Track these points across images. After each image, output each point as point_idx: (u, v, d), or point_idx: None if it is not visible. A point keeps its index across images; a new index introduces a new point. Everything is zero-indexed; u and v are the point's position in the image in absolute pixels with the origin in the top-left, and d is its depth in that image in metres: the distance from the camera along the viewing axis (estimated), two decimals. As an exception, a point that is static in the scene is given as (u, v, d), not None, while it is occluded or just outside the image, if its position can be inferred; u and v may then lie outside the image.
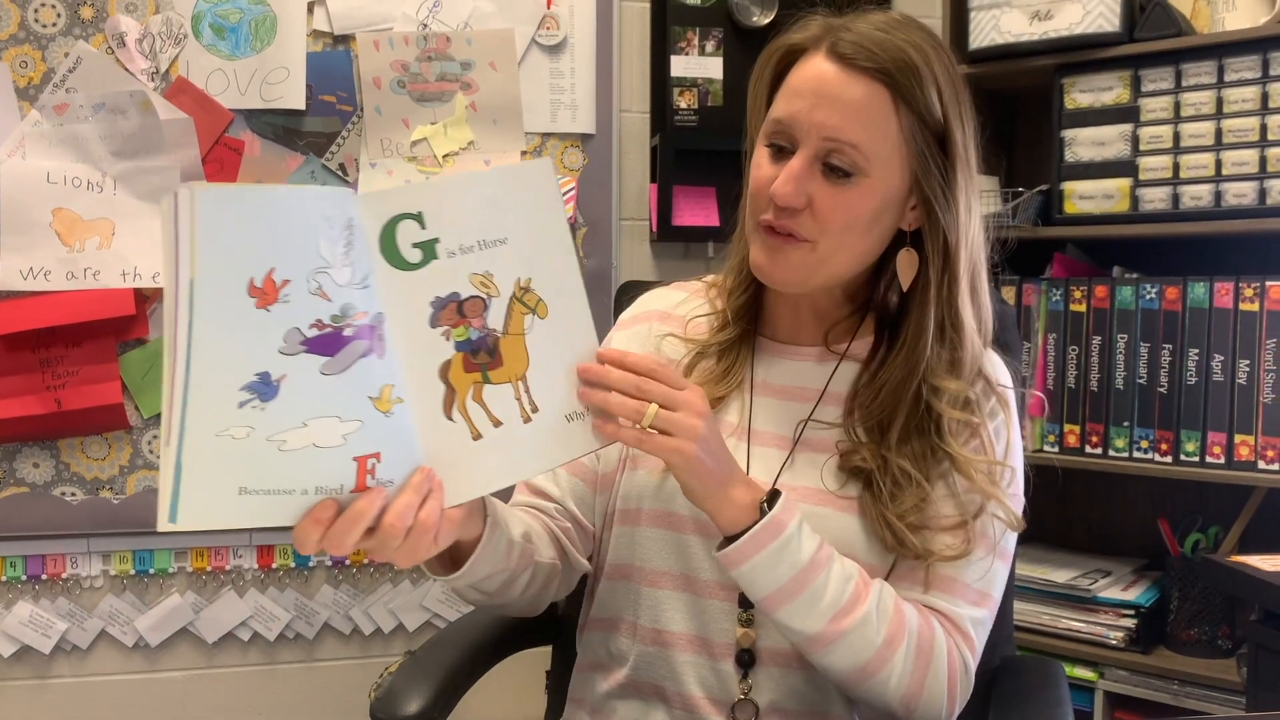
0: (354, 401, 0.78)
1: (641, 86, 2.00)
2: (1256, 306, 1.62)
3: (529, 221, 0.88)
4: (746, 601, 0.99)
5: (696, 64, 1.98)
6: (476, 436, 0.85)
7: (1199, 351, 1.67)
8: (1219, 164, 1.65)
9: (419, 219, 0.83)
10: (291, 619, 1.90)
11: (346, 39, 1.81)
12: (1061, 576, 1.80)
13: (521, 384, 0.88)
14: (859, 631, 0.92)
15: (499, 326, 0.86)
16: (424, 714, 1.07)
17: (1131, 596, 1.74)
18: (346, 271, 0.79)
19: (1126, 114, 1.73)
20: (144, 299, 1.75)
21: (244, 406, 0.73)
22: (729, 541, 0.91)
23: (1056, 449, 1.80)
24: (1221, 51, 1.65)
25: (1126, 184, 1.74)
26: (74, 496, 1.77)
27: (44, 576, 1.79)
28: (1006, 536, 1.01)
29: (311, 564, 1.89)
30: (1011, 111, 2.08)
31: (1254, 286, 1.62)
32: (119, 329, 1.73)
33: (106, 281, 1.71)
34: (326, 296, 0.77)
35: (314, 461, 0.76)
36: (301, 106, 1.79)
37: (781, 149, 0.97)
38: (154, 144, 1.72)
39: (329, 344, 0.77)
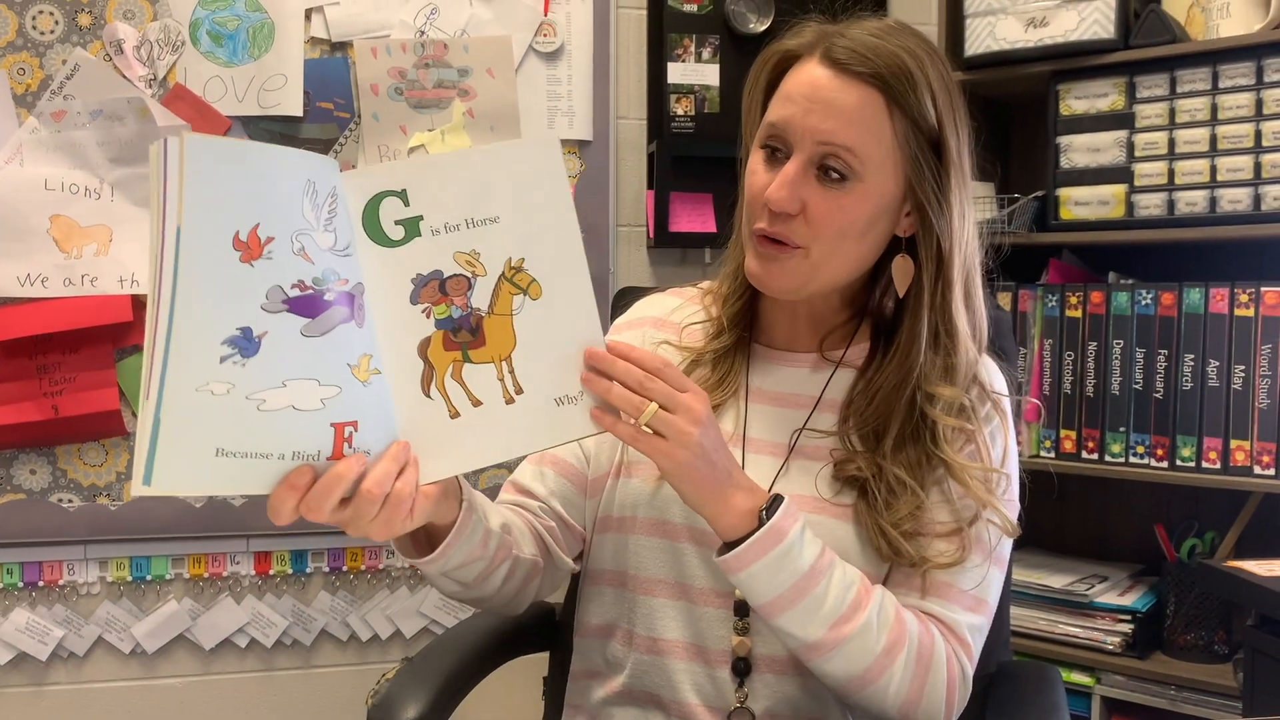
0: (333, 367, 0.78)
1: (638, 93, 2.01)
2: (1251, 312, 1.62)
3: (526, 200, 0.87)
4: (742, 609, 1.00)
5: (693, 71, 1.98)
6: (454, 415, 0.85)
7: (1194, 357, 1.67)
8: (1214, 170, 1.66)
9: (403, 196, 0.84)
10: (289, 625, 1.90)
11: (344, 46, 1.81)
12: (1058, 582, 1.80)
13: (505, 364, 0.87)
14: (859, 639, 0.92)
15: (484, 306, 0.86)
16: (421, 720, 1.07)
17: (1128, 602, 1.74)
18: (329, 237, 0.80)
19: (1122, 120, 1.74)
20: (141, 305, 1.75)
21: (225, 362, 0.73)
22: (729, 548, 0.91)
23: (1053, 454, 1.80)
24: (1216, 58, 1.65)
25: (1122, 190, 1.74)
26: (71, 503, 1.77)
27: (41, 583, 1.79)
28: (1002, 543, 1.01)
29: (309, 570, 1.89)
30: (1007, 118, 2.09)
31: (1249, 292, 1.63)
32: (116, 335, 1.73)
33: (104, 288, 1.71)
34: (309, 259, 0.78)
35: (292, 425, 0.76)
36: (299, 113, 1.79)
37: (776, 152, 0.97)
38: (152, 151, 1.72)
39: (310, 306, 0.77)
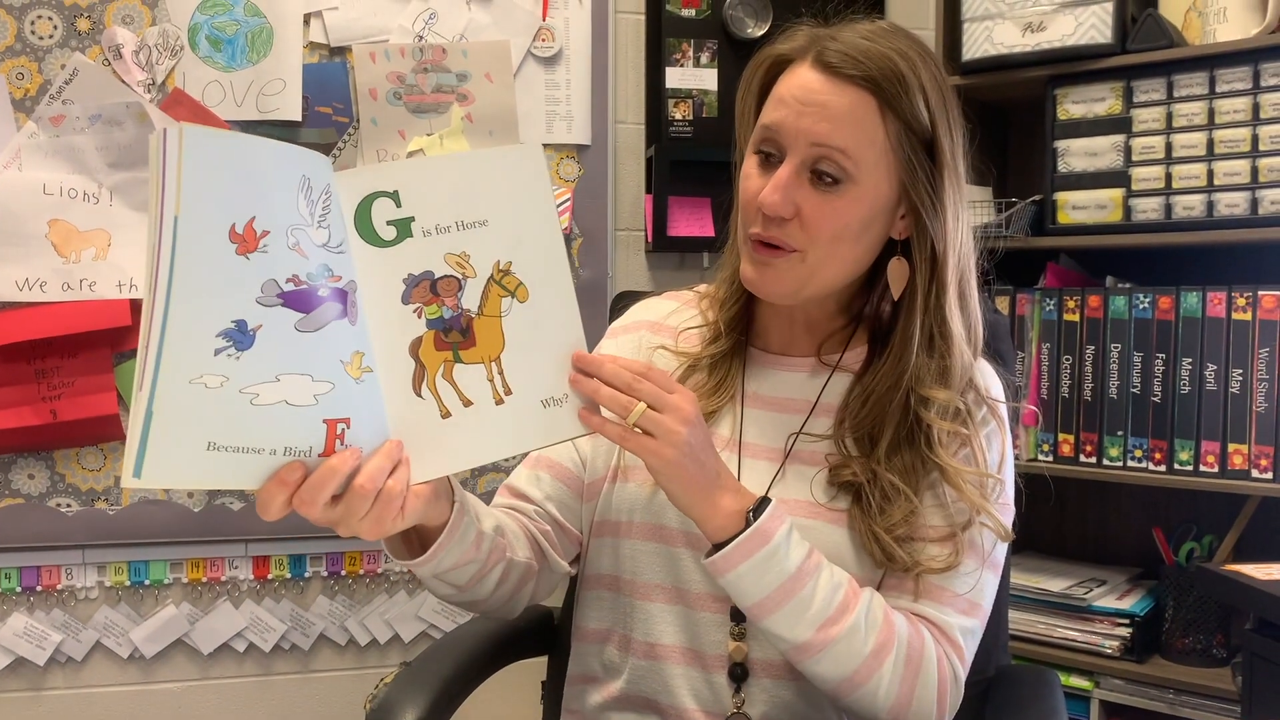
0: (326, 363, 0.78)
1: (636, 98, 2.01)
2: (1249, 316, 1.63)
3: (513, 205, 0.88)
4: (739, 614, 0.99)
5: (691, 75, 1.99)
6: (445, 415, 0.85)
7: (1192, 361, 1.67)
8: (1211, 174, 1.66)
9: (394, 197, 0.84)
10: (287, 630, 1.90)
11: (343, 51, 1.82)
12: (1056, 586, 1.80)
13: (495, 365, 0.87)
14: (847, 641, 0.92)
15: (474, 307, 0.86)
16: (419, 725, 1.07)
17: (1126, 605, 1.74)
18: (323, 233, 0.80)
19: (1119, 125, 1.74)
20: (140, 310, 1.74)
21: (219, 354, 0.73)
22: (717, 549, 0.91)
23: (1051, 458, 1.80)
24: (1213, 63, 1.66)
25: (1119, 194, 1.74)
26: (69, 508, 1.77)
27: (39, 588, 1.79)
28: (997, 547, 1.01)
29: (307, 575, 1.89)
30: (1004, 122, 2.09)
31: (1246, 296, 1.63)
32: (115, 340, 1.73)
33: (102, 292, 1.71)
34: (303, 254, 0.78)
35: (285, 420, 0.75)
36: (298, 118, 1.80)
37: (769, 157, 0.97)
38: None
39: (304, 300, 0.77)
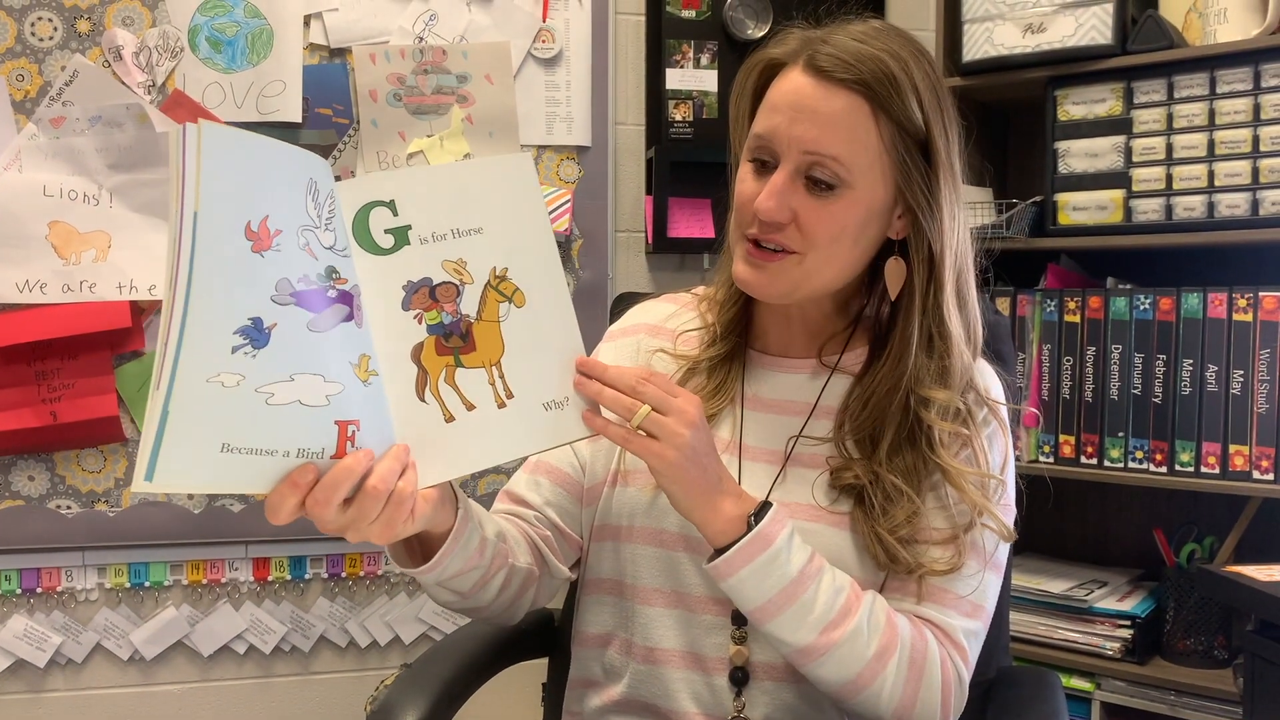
0: (336, 364, 0.78)
1: (637, 99, 2.01)
2: (1250, 317, 1.62)
3: (507, 213, 0.89)
4: (740, 618, 0.99)
5: (691, 76, 1.99)
6: (449, 419, 0.86)
7: (1193, 362, 1.67)
8: (1211, 175, 1.66)
9: (391, 206, 0.85)
10: (287, 632, 1.89)
11: (343, 52, 1.82)
12: (1057, 587, 1.79)
13: (496, 369, 0.88)
14: (849, 644, 0.92)
15: (473, 312, 0.88)
16: (420, 727, 1.07)
17: (1127, 607, 1.74)
18: (329, 236, 0.81)
19: (1119, 126, 1.74)
20: (140, 311, 1.75)
21: (236, 352, 0.73)
22: (719, 554, 0.91)
23: (1052, 459, 1.80)
24: (1213, 63, 1.66)
25: (1120, 195, 1.74)
26: (69, 509, 1.77)
27: (39, 590, 1.79)
28: (999, 548, 1.01)
29: (308, 576, 1.89)
30: (1004, 123, 2.09)
31: (1247, 297, 1.63)
32: (115, 342, 1.73)
33: (102, 294, 1.71)
34: (313, 254, 0.79)
35: (298, 420, 0.75)
36: (298, 119, 1.80)
37: (764, 164, 0.97)
38: (150, 157, 1.72)
39: (315, 301, 0.78)
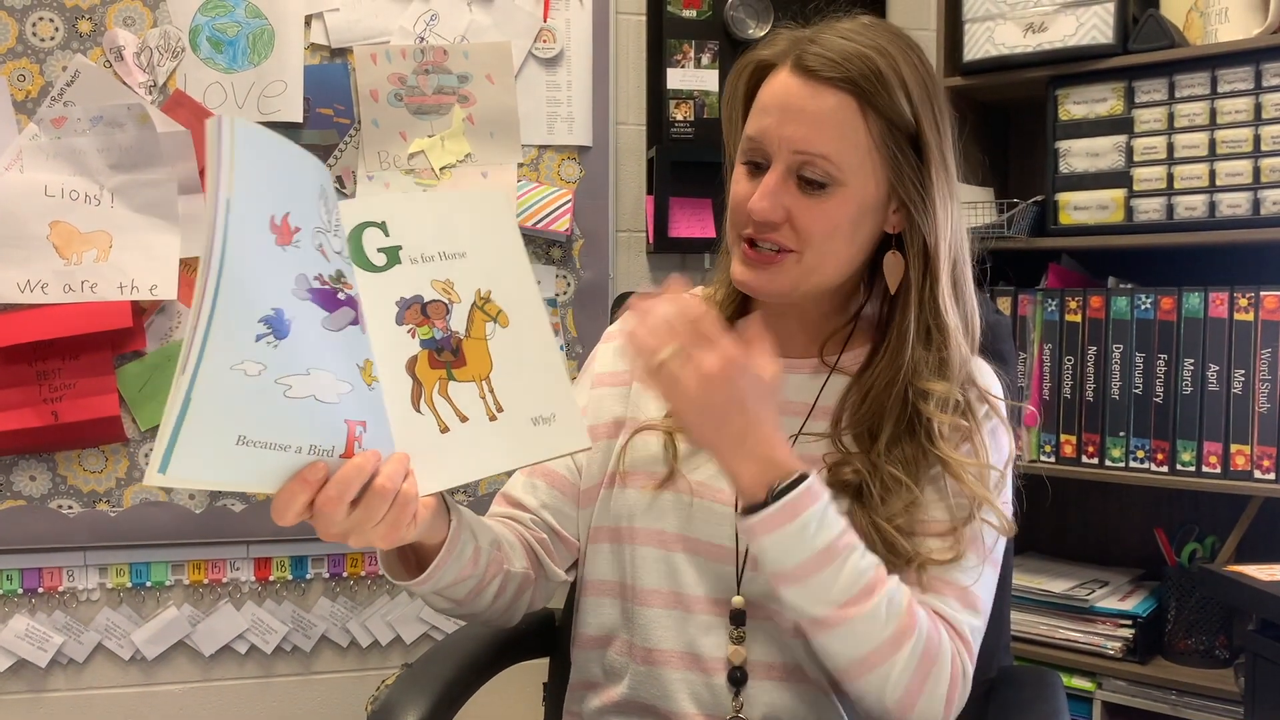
0: (346, 364, 0.80)
1: (638, 99, 2.01)
2: (1251, 316, 1.62)
3: (487, 241, 0.94)
4: (737, 618, 0.99)
5: (692, 76, 1.99)
6: (444, 430, 0.88)
7: (1194, 361, 1.67)
8: (1213, 174, 1.66)
9: (383, 227, 0.89)
10: (289, 631, 1.89)
11: (344, 52, 1.82)
12: (1059, 587, 1.79)
13: (486, 384, 0.91)
14: (866, 623, 0.90)
15: (461, 329, 0.91)
16: (421, 726, 1.07)
17: (1129, 606, 1.74)
18: (338, 241, 0.84)
19: (1120, 125, 1.74)
20: (141, 311, 1.75)
21: (260, 340, 0.74)
22: (749, 513, 0.90)
23: (1053, 459, 1.80)
24: (1214, 63, 1.65)
25: (1121, 195, 1.74)
26: (71, 509, 1.77)
27: (40, 589, 1.79)
28: (998, 543, 1.00)
29: (309, 576, 1.89)
30: (1005, 123, 2.09)
31: (1248, 296, 1.63)
32: (116, 342, 1.73)
33: (104, 294, 1.71)
34: (326, 256, 0.81)
35: (313, 415, 0.76)
36: (299, 119, 1.80)
37: (757, 165, 0.98)
38: (151, 157, 1.72)
39: (328, 300, 0.80)
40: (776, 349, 1.07)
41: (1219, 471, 1.65)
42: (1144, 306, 1.72)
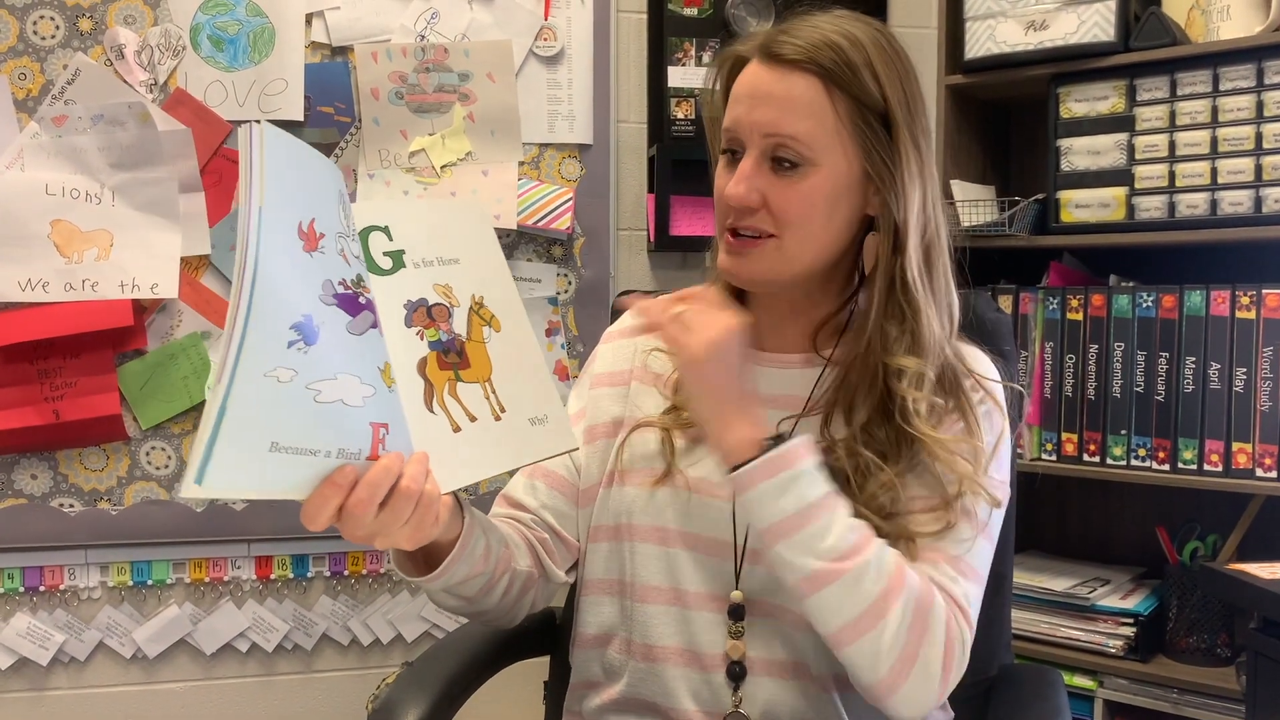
0: (369, 368, 0.82)
1: (639, 97, 2.01)
2: (1253, 314, 1.62)
3: (475, 249, 0.99)
4: (736, 613, 1.00)
5: (693, 74, 1.98)
6: (456, 429, 0.91)
7: (1195, 360, 1.67)
8: (1214, 172, 1.66)
9: (386, 231, 0.91)
10: (290, 630, 1.90)
11: (345, 50, 1.82)
12: (1060, 585, 1.79)
13: (489, 385, 0.94)
14: (856, 579, 0.89)
15: (463, 332, 0.94)
16: (421, 725, 1.07)
17: (1130, 605, 1.74)
18: (356, 245, 0.86)
19: (1122, 123, 1.74)
20: (142, 310, 1.75)
21: (291, 347, 0.75)
22: (741, 468, 0.91)
23: (1054, 458, 1.80)
24: (1216, 60, 1.65)
25: (1122, 193, 1.74)
26: (72, 508, 1.77)
27: (42, 588, 1.79)
28: (993, 515, 0.99)
29: (310, 575, 1.89)
30: (1007, 121, 2.09)
31: (1250, 294, 1.62)
32: (117, 340, 1.73)
33: (105, 293, 1.71)
34: (347, 260, 0.83)
35: (340, 419, 0.78)
36: (300, 118, 1.80)
37: (734, 154, 0.99)
38: (152, 155, 1.72)
39: (351, 304, 0.82)
40: (768, 343, 1.08)
41: (1220, 470, 1.65)
42: (1145, 305, 1.72)
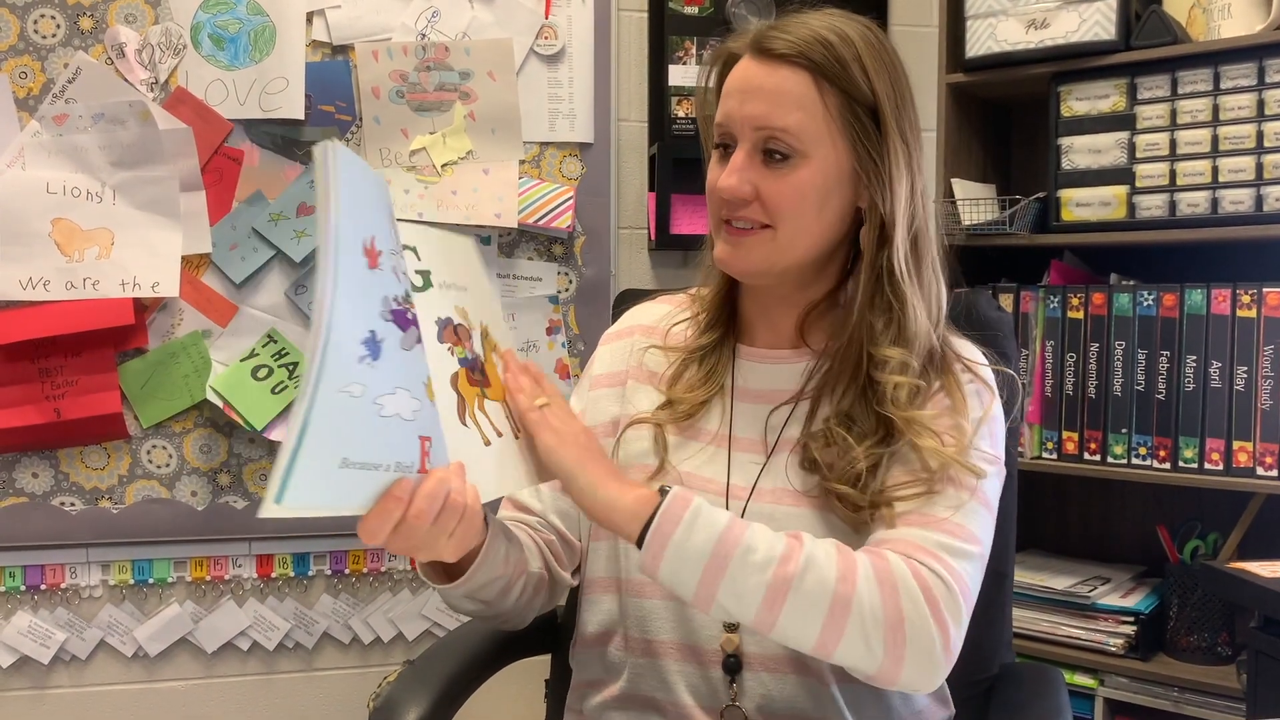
0: (417, 382, 0.83)
1: (639, 95, 2.01)
2: (1254, 313, 1.62)
3: (476, 281, 1.01)
4: None
5: (694, 73, 1.98)
6: (486, 443, 0.92)
7: (1196, 358, 1.67)
8: (1215, 171, 1.66)
9: (415, 251, 0.93)
10: (291, 628, 1.90)
11: (345, 49, 1.82)
12: (1060, 584, 1.79)
13: (506, 405, 0.96)
14: (805, 574, 0.87)
15: (480, 354, 0.96)
16: (422, 723, 1.07)
17: (1131, 603, 1.74)
18: (403, 262, 0.87)
19: (1123, 121, 1.74)
20: (143, 308, 1.75)
21: (361, 362, 0.76)
22: (641, 542, 0.89)
23: (1055, 456, 1.80)
24: (1217, 59, 1.65)
25: (1123, 191, 1.74)
26: (73, 506, 1.77)
27: (43, 586, 1.79)
28: (987, 484, 0.97)
29: (311, 573, 1.89)
30: (1008, 120, 2.09)
31: (1251, 293, 1.62)
32: (118, 339, 1.74)
33: (105, 291, 1.71)
34: (398, 277, 0.84)
35: (397, 433, 0.79)
36: (300, 116, 1.80)
37: (727, 149, 1.01)
38: (153, 154, 1.72)
39: (402, 320, 0.83)
40: (761, 339, 1.08)
41: (1221, 468, 1.65)
42: (1146, 303, 1.72)
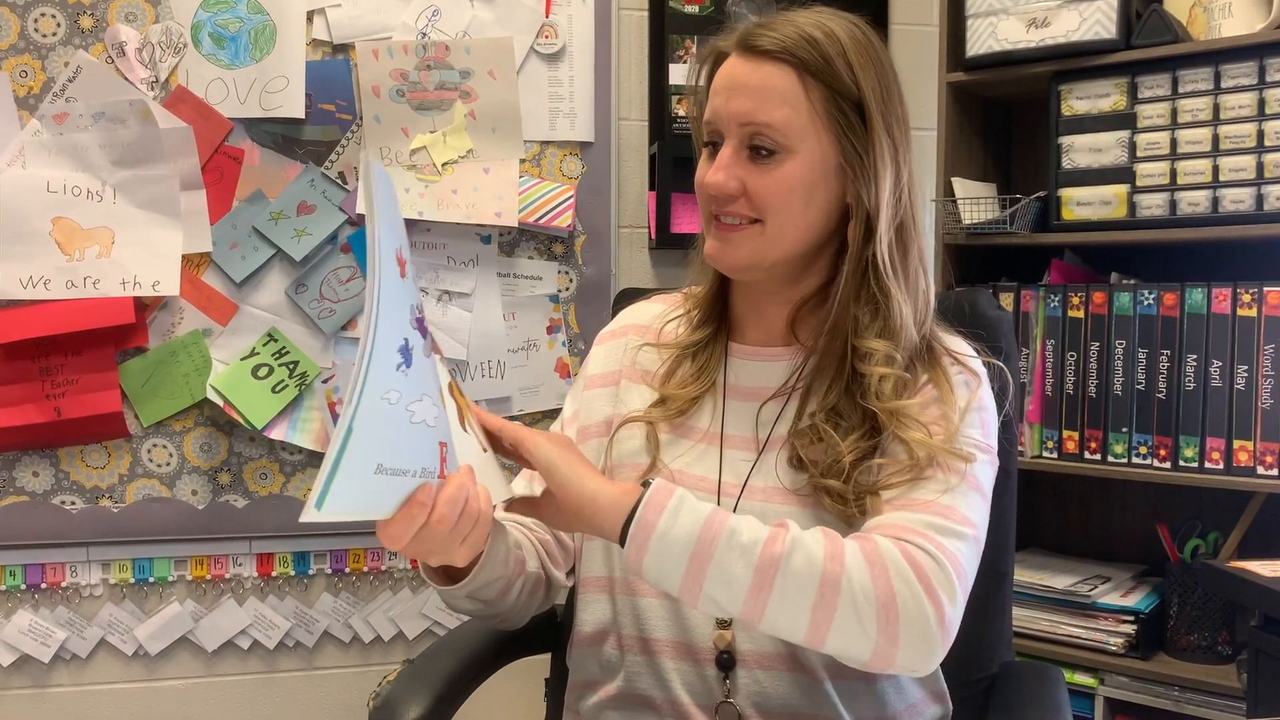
0: (435, 388, 0.84)
1: (640, 94, 2.01)
2: (1254, 312, 1.62)
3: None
4: None
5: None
6: (485, 449, 0.93)
7: (1197, 357, 1.67)
8: (1216, 170, 1.66)
9: None
10: (291, 627, 1.90)
11: (346, 48, 1.82)
12: (1060, 583, 1.79)
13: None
14: (793, 555, 0.86)
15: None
16: (422, 722, 1.07)
17: (1131, 602, 1.74)
18: (414, 270, 0.87)
19: (1123, 120, 1.74)
20: (143, 307, 1.75)
21: (398, 369, 0.77)
22: (624, 539, 0.89)
23: (1055, 455, 1.80)
24: (1218, 58, 1.65)
25: (1124, 190, 1.74)
26: (73, 505, 1.77)
27: (43, 585, 1.79)
28: (978, 470, 0.96)
29: (311, 572, 1.89)
30: (1008, 118, 2.09)
31: (1251, 292, 1.62)
32: (118, 338, 1.74)
33: (106, 290, 1.71)
34: (417, 286, 0.86)
35: (421, 439, 0.79)
36: (301, 115, 1.80)
37: (715, 145, 1.01)
38: (154, 153, 1.72)
39: (423, 328, 0.84)
40: (752, 336, 1.08)
41: (1222, 467, 1.65)
42: (1147, 302, 1.72)
